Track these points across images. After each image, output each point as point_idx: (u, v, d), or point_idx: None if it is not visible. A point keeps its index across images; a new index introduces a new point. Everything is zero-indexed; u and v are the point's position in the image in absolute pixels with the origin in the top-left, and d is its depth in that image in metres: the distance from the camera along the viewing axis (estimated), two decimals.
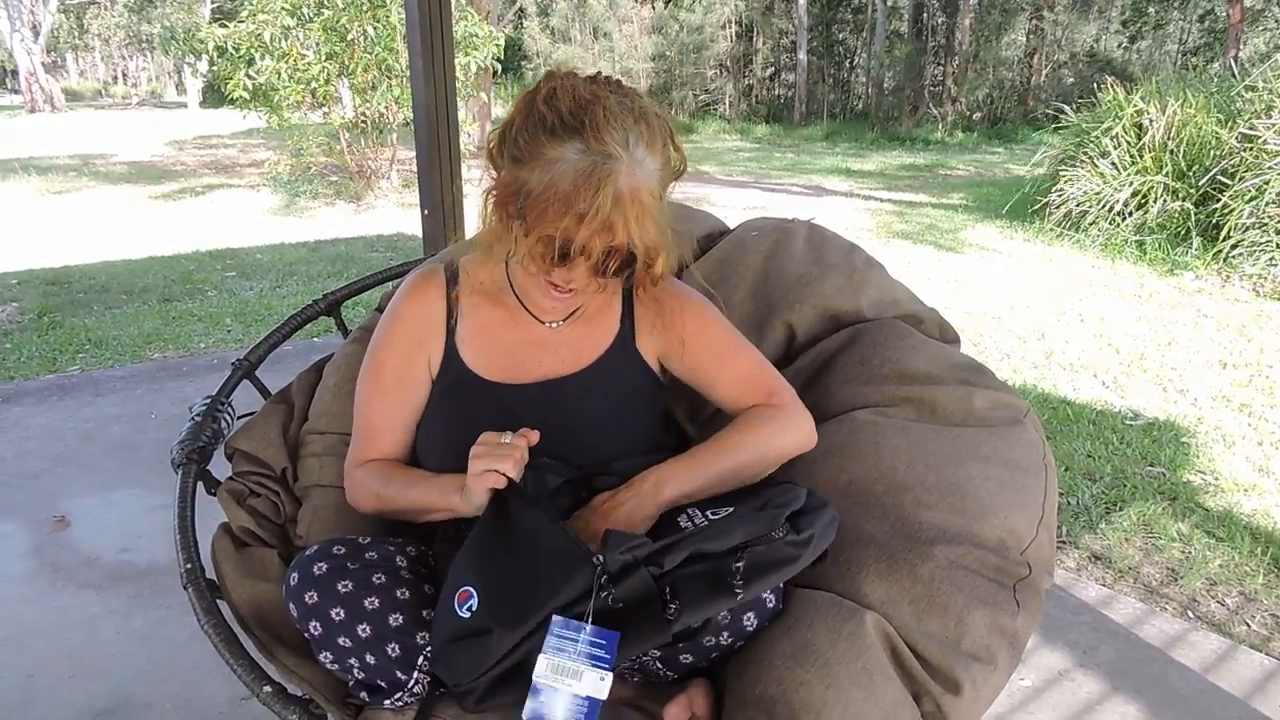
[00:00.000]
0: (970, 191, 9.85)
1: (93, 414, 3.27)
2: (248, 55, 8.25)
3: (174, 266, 6.03)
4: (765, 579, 0.97)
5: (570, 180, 1.00)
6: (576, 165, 1.00)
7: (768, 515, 1.01)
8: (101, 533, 2.42)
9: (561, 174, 1.00)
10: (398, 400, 1.21)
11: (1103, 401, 3.54)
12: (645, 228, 1.03)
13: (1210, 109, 6.53)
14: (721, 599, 0.96)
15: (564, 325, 1.21)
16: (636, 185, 1.01)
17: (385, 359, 1.21)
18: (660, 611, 0.95)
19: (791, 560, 0.99)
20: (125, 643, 1.94)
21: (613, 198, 0.99)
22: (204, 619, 1.03)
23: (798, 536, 1.00)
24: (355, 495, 1.20)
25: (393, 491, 1.16)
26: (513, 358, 1.20)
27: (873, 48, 20.57)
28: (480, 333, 1.21)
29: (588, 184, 0.99)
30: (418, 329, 1.21)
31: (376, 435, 1.21)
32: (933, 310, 1.50)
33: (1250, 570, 2.33)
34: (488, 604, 0.95)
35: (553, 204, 1.01)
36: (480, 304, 1.22)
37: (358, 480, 1.20)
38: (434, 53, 2.65)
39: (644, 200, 1.02)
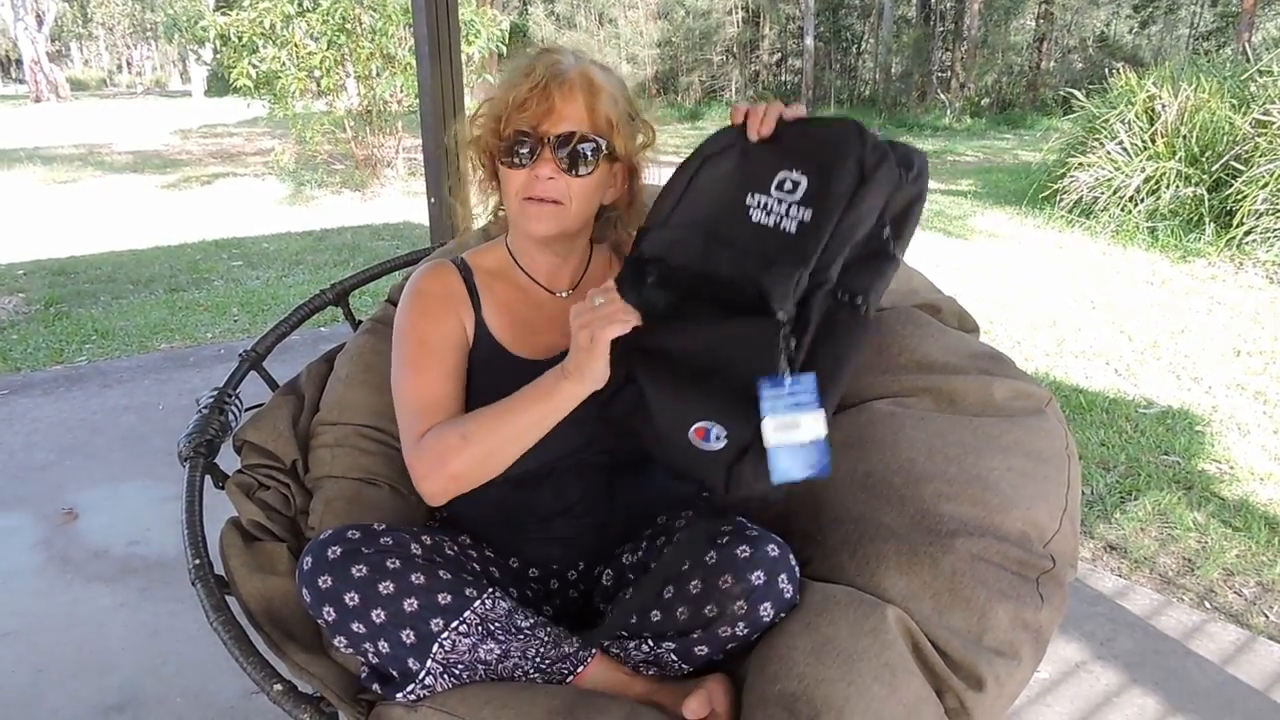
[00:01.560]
0: (979, 178, 9.77)
1: (100, 405, 3.27)
2: (250, 43, 8.22)
3: (180, 256, 6.03)
4: (906, 230, 1.00)
5: (510, 74, 1.10)
6: (516, 64, 1.11)
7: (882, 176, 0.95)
8: (110, 525, 2.42)
9: (506, 74, 1.11)
10: (450, 365, 1.16)
11: (1116, 389, 3.50)
12: (597, 110, 1.09)
13: (1223, 94, 6.44)
14: (888, 268, 0.99)
15: (573, 294, 1.24)
16: (584, 70, 1.10)
17: (424, 330, 1.17)
18: (853, 314, 0.96)
19: (918, 200, 1.00)
20: (135, 636, 1.93)
21: (552, 73, 1.07)
22: (213, 616, 1.01)
23: (912, 173, 0.98)
24: (433, 461, 1.06)
25: (482, 426, 1.05)
26: (535, 333, 1.21)
27: (880, 33, 20.41)
28: (502, 310, 1.21)
29: (528, 67, 1.09)
30: (447, 300, 1.20)
31: (437, 407, 1.12)
32: (951, 299, 1.47)
33: (1267, 560, 2.30)
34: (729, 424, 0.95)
35: (500, 97, 1.10)
36: (494, 285, 1.22)
37: (429, 444, 1.07)
38: (440, 40, 2.63)
39: (593, 82, 1.09)
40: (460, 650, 0.99)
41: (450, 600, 0.99)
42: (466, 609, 0.99)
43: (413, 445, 1.10)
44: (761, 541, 1.01)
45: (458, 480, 1.07)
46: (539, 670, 1.03)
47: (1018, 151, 12.54)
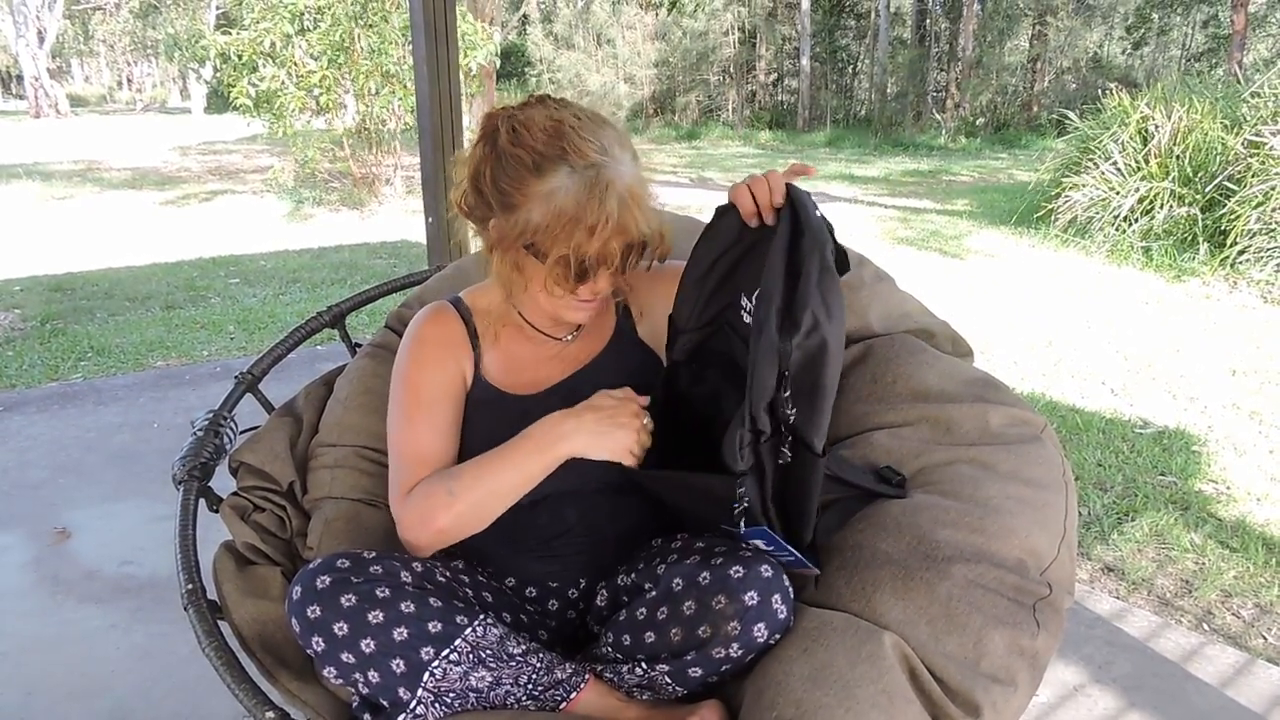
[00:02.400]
0: (974, 197, 9.83)
1: (95, 423, 3.26)
2: (250, 62, 8.27)
3: (177, 273, 6.03)
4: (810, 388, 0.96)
5: (574, 202, 1.04)
6: (574, 187, 1.04)
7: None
8: (103, 545, 2.40)
9: (564, 200, 1.04)
10: (443, 417, 1.17)
11: (1112, 409, 3.51)
12: (649, 215, 1.09)
13: (1216, 115, 6.50)
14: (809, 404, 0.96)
15: (576, 337, 1.25)
16: (630, 181, 1.07)
17: (421, 379, 1.18)
18: (805, 456, 0.98)
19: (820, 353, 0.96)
20: (126, 658, 1.92)
21: (618, 201, 1.05)
22: (205, 642, 1.00)
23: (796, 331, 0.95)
24: (420, 516, 1.09)
25: (470, 481, 1.08)
26: (535, 373, 1.22)
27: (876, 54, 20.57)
28: (500, 354, 1.22)
29: (591, 198, 1.04)
30: (447, 348, 1.20)
31: (425, 458, 1.14)
32: (944, 323, 1.48)
33: (1265, 581, 2.29)
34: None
35: (564, 228, 1.05)
36: (493, 328, 1.23)
37: (416, 499, 1.10)
38: (438, 59, 2.64)
39: (640, 191, 1.08)
40: (451, 679, 0.98)
41: (441, 628, 0.98)
42: (457, 637, 0.99)
43: (400, 497, 1.12)
44: (755, 562, 1.01)
45: (444, 534, 1.09)
46: (531, 697, 1.02)
47: (1013, 171, 12.62)
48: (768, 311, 0.95)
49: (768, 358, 0.94)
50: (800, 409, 0.96)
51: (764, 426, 0.97)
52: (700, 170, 13.00)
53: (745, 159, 15.13)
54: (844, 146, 17.34)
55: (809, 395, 0.96)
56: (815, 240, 0.97)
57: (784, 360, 0.94)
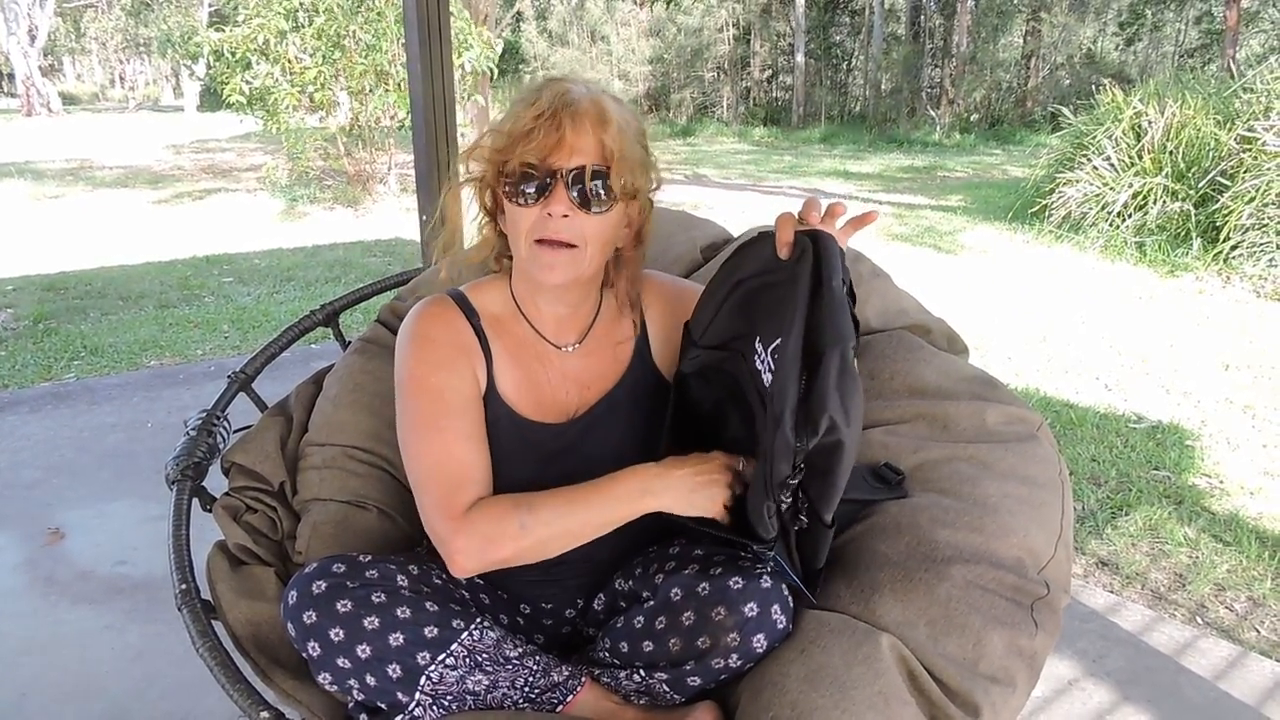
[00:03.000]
0: (969, 193, 9.84)
1: (88, 423, 3.24)
2: (244, 59, 8.23)
3: (171, 272, 6.01)
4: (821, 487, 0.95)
5: (520, 101, 1.03)
6: (527, 89, 1.03)
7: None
8: (97, 545, 2.39)
9: (514, 101, 1.04)
10: (473, 424, 1.08)
11: (1106, 405, 3.52)
12: (610, 142, 1.01)
13: (1208, 111, 6.52)
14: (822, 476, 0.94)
15: (580, 348, 1.16)
16: (590, 97, 1.02)
17: (443, 384, 1.08)
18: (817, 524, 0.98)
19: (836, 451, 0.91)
20: (121, 659, 1.91)
21: (561, 103, 1.00)
22: (199, 642, 1.00)
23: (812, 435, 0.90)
24: (482, 543, 0.99)
25: (545, 517, 1.00)
26: (542, 394, 1.14)
27: (870, 50, 20.57)
28: (511, 366, 1.14)
29: (534, 96, 1.02)
30: (462, 351, 1.11)
31: (466, 476, 1.04)
32: (940, 320, 1.48)
33: (1258, 575, 2.30)
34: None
35: (510, 131, 1.02)
36: (499, 334, 1.14)
37: (480, 523, 1.00)
38: (432, 57, 2.63)
39: (604, 111, 1.02)
40: (448, 682, 0.98)
41: (437, 633, 0.98)
42: (454, 641, 0.98)
43: (455, 517, 1.01)
44: (754, 572, 0.99)
45: (501, 564, 1.01)
46: (528, 700, 1.02)
47: (1006, 167, 12.63)
48: (783, 408, 0.90)
49: (784, 453, 0.90)
50: (813, 486, 0.95)
51: (783, 499, 0.95)
52: (695, 167, 12.99)
53: (740, 155, 15.12)
54: (839, 143, 17.34)
55: (822, 478, 0.94)
56: (836, 330, 0.89)
57: (798, 456, 0.91)
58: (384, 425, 1.32)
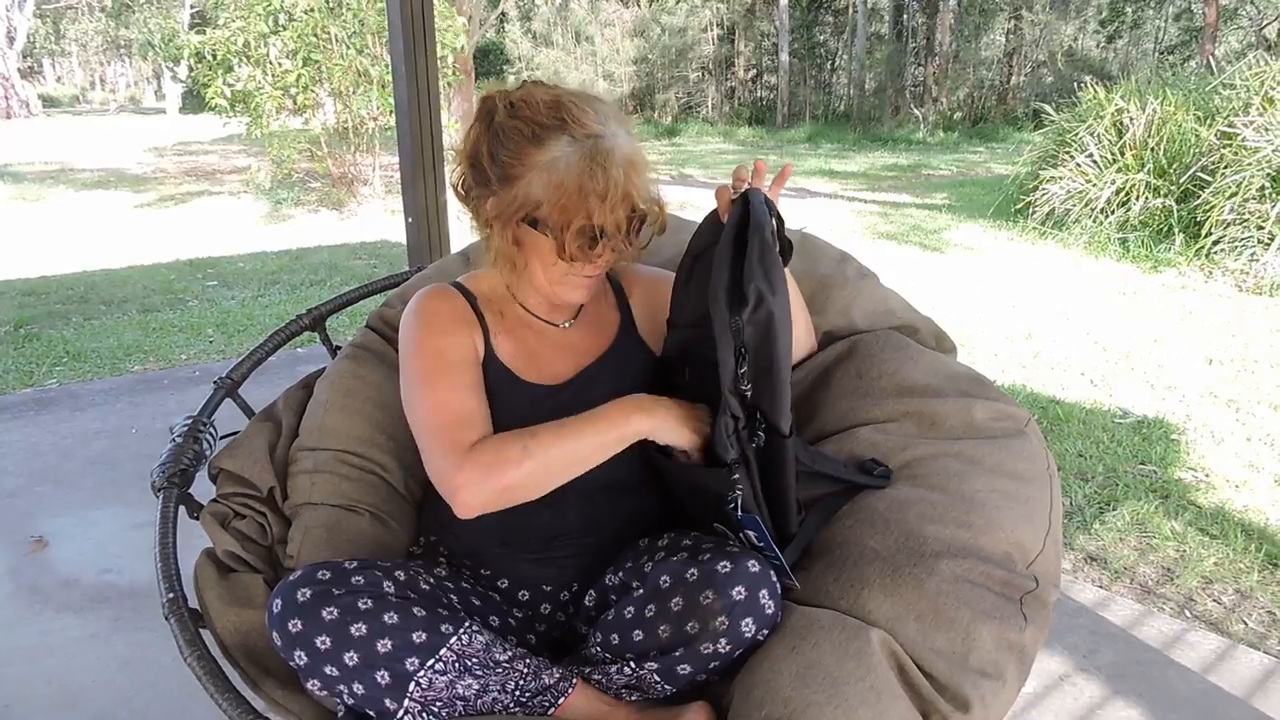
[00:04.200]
0: (953, 191, 9.89)
1: (71, 429, 3.21)
2: (225, 61, 8.18)
3: (154, 276, 5.96)
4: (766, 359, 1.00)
5: (577, 170, 1.05)
6: (575, 156, 1.05)
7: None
8: (81, 553, 2.37)
9: (567, 168, 1.05)
10: (473, 378, 1.14)
11: (1092, 400, 3.54)
12: (648, 185, 1.12)
13: (1189, 107, 6.57)
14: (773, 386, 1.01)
15: (575, 324, 1.25)
16: (631, 150, 1.09)
17: (443, 345, 1.14)
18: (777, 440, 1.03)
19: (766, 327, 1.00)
20: (107, 668, 1.89)
21: (622, 169, 1.06)
22: (187, 651, 0.99)
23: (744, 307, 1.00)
24: (486, 470, 1.02)
25: (546, 440, 1.05)
26: (538, 360, 1.21)
27: (854, 49, 20.64)
28: (508, 336, 1.21)
29: (594, 166, 1.05)
30: (460, 320, 1.18)
31: (468, 419, 1.09)
32: (928, 319, 1.48)
33: (1245, 567, 2.32)
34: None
35: (571, 197, 1.05)
36: (495, 313, 1.22)
37: (484, 453, 1.03)
38: (416, 59, 2.62)
39: (641, 160, 1.10)
40: (437, 687, 0.97)
41: (425, 638, 0.97)
42: (442, 646, 0.98)
43: (459, 453, 1.04)
44: (742, 557, 1.00)
45: (507, 493, 1.04)
46: (519, 704, 1.01)
47: (990, 165, 12.70)
48: (717, 292, 1.00)
49: (724, 338, 0.99)
50: (758, 387, 1.01)
51: (737, 412, 1.01)
52: (680, 167, 12.99)
53: (726, 155, 15.14)
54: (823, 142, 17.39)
55: (765, 371, 1.00)
56: (756, 224, 1.01)
57: (738, 336, 0.99)
58: (376, 430, 1.32)
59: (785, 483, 1.06)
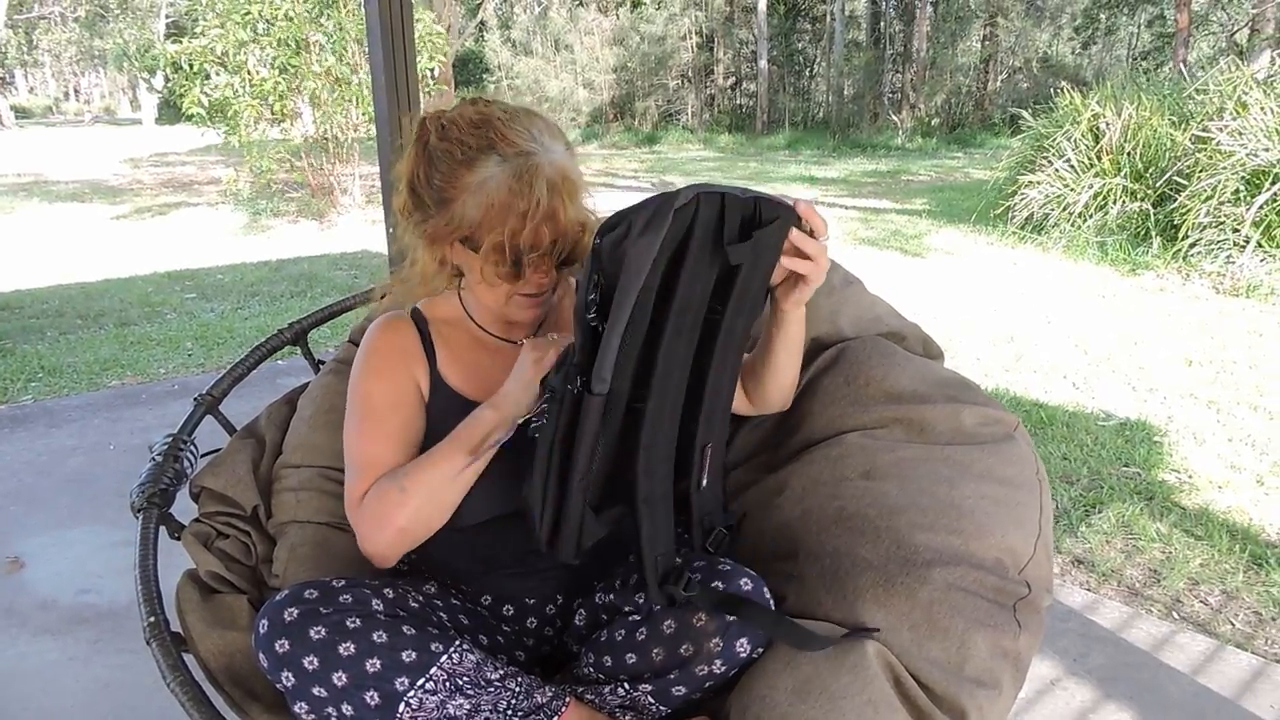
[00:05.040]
0: (932, 196, 9.96)
1: (47, 446, 3.16)
2: (202, 70, 8.11)
3: (131, 289, 5.88)
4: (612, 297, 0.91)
5: (505, 189, 1.04)
6: (503, 175, 1.04)
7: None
8: (58, 573, 2.32)
9: (494, 188, 1.04)
10: (395, 425, 1.14)
11: (1075, 403, 3.56)
12: (578, 205, 1.09)
13: (1164, 112, 6.66)
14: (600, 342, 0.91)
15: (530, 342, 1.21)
16: (561, 168, 1.06)
17: (372, 389, 1.15)
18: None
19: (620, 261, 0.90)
20: (86, 691, 1.85)
21: (547, 187, 1.04)
22: (170, 677, 0.97)
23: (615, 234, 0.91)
24: (376, 519, 1.05)
25: (417, 474, 1.05)
26: (492, 381, 1.17)
27: (832, 56, 20.78)
28: (459, 359, 1.19)
29: (520, 184, 1.03)
30: (401, 357, 1.17)
31: (374, 465, 1.11)
32: (915, 325, 1.48)
33: (1230, 568, 2.34)
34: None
35: (497, 216, 1.04)
36: (450, 335, 1.20)
37: (370, 503, 1.06)
38: (396, 65, 2.60)
39: (572, 178, 1.08)
40: (428, 708, 0.95)
41: (415, 657, 0.95)
42: (432, 665, 0.96)
43: (355, 506, 1.08)
44: (734, 576, 1.00)
45: (404, 534, 1.05)
46: None
47: (968, 170, 12.81)
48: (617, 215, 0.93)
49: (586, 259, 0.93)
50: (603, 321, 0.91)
51: (575, 341, 0.93)
52: (661, 174, 13.01)
53: (706, 163, 15.18)
54: (803, 148, 17.49)
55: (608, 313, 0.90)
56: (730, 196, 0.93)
57: (595, 259, 0.91)
58: None
59: (579, 448, 0.94)
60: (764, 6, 20.26)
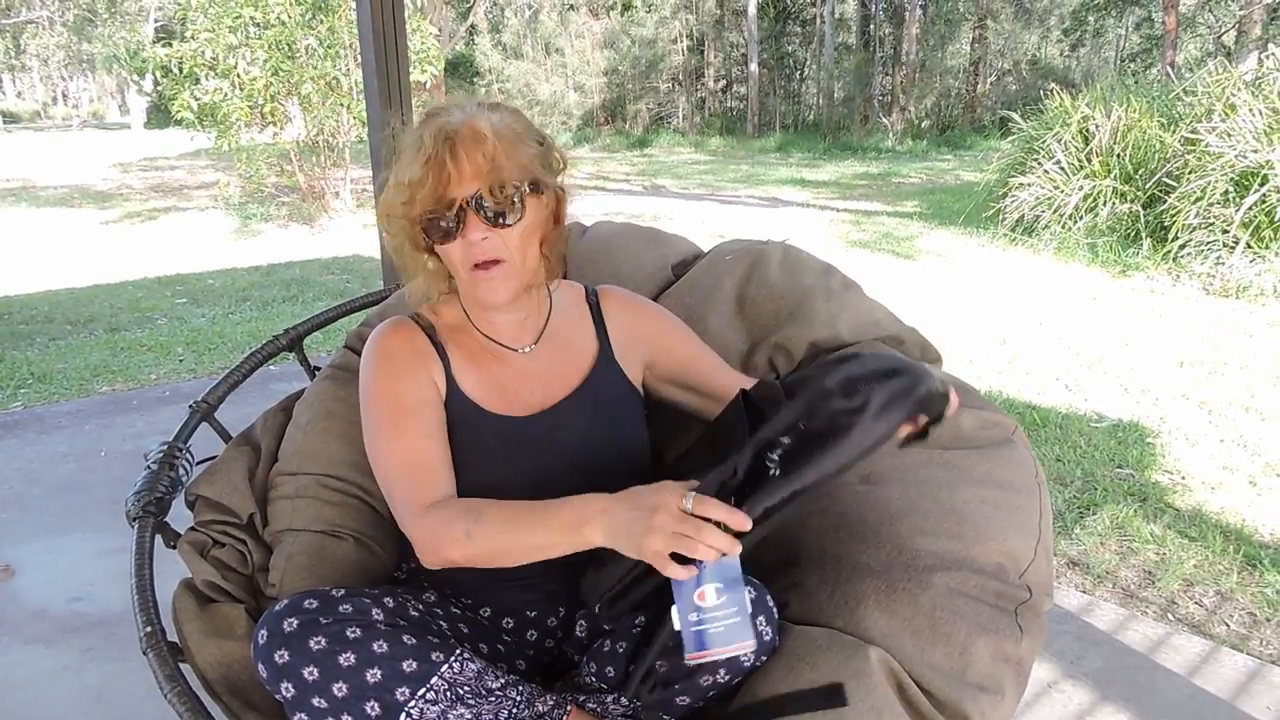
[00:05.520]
0: (923, 199, 9.99)
1: (37, 453, 3.13)
2: (192, 74, 8.08)
3: (121, 294, 5.85)
4: (811, 459, 0.85)
5: (410, 154, 1.06)
6: (428, 136, 1.05)
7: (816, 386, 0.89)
8: (50, 581, 2.30)
9: (420, 149, 1.05)
10: (430, 421, 1.12)
11: (1067, 404, 3.57)
12: (501, 160, 1.04)
13: (1153, 114, 6.69)
14: (767, 488, 0.86)
15: (537, 349, 1.21)
16: (475, 124, 1.05)
17: (396, 392, 1.12)
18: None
19: (840, 431, 0.84)
20: (79, 700, 1.83)
21: (441, 138, 1.03)
22: (167, 687, 0.96)
23: (849, 403, 0.85)
24: (433, 542, 1.02)
25: (490, 529, 1.00)
26: (505, 391, 1.18)
27: (822, 59, 20.84)
28: (470, 367, 1.18)
29: (420, 142, 1.05)
30: (417, 357, 1.16)
31: (428, 470, 1.08)
32: (913, 330, 1.48)
33: (1224, 569, 2.34)
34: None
35: (407, 181, 1.05)
36: (458, 340, 1.19)
37: (433, 525, 1.02)
38: (388, 72, 2.60)
39: (483, 132, 1.04)
40: (429, 718, 0.95)
41: (416, 667, 0.95)
42: (434, 674, 0.95)
43: (415, 514, 1.05)
44: None
45: (450, 564, 1.03)
46: None
47: (959, 172, 12.85)
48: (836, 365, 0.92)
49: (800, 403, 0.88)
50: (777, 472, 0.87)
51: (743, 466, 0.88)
52: (653, 178, 13.02)
53: (698, 165, 15.20)
54: (794, 151, 17.52)
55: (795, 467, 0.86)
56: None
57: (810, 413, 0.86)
58: (358, 453, 1.28)
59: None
60: (754, 10, 20.30)
